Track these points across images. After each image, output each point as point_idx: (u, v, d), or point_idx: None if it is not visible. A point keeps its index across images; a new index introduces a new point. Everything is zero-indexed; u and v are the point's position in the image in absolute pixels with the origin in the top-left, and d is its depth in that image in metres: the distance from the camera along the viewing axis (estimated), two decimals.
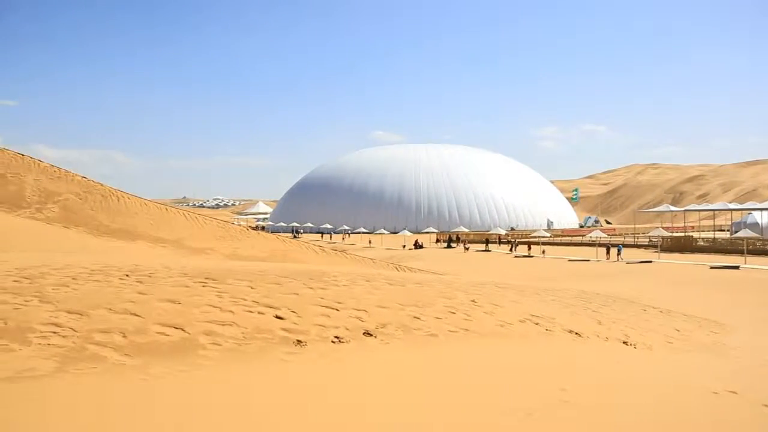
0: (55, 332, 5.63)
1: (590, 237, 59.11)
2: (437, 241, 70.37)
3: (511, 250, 56.43)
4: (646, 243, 55.36)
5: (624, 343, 8.99)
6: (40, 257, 10.69)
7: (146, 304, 6.76)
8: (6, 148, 28.75)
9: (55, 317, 6.02)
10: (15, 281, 7.37)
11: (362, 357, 6.26)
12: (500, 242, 64.29)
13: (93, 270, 8.60)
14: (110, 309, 6.43)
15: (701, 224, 72.25)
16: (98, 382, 4.70)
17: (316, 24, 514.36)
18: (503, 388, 5.68)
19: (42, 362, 4.96)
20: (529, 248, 52.55)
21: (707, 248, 47.80)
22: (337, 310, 7.65)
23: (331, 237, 78.35)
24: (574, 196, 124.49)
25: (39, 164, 27.96)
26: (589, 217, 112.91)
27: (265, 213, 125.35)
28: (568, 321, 9.70)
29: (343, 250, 35.85)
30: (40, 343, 5.35)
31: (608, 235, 65.15)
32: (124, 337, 5.73)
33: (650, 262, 38.93)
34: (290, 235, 70.00)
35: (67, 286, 7.28)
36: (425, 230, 75.09)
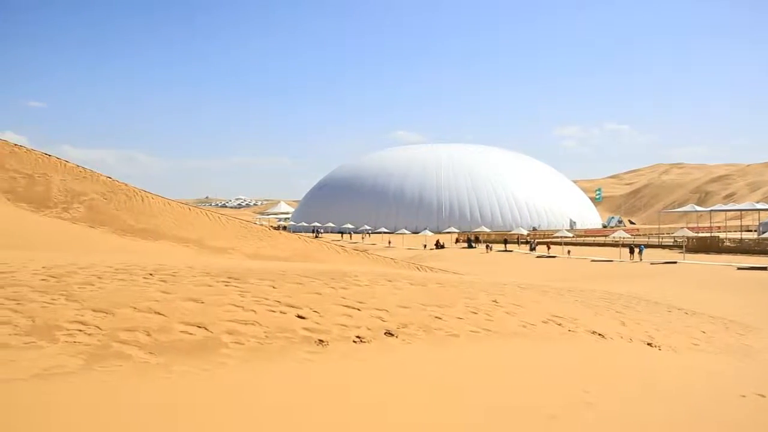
0: (81, 330, 5.71)
1: (613, 237, 58.53)
2: (457, 241, 70.16)
3: (531, 249, 56.08)
4: (671, 243, 54.68)
5: (648, 344, 8.87)
6: (66, 256, 10.85)
7: (170, 303, 6.83)
8: (33, 148, 29.26)
9: (81, 315, 6.11)
10: (42, 280, 7.49)
11: (384, 357, 6.25)
12: (519, 242, 63.88)
13: (117, 269, 8.71)
14: (134, 308, 6.50)
15: (728, 225, 71.08)
16: (123, 380, 4.76)
17: (338, 23, 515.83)
18: (525, 389, 5.65)
19: (69, 359, 5.03)
20: (548, 248, 52.18)
21: (734, 249, 47.08)
22: (359, 309, 7.65)
23: (351, 237, 78.49)
24: (597, 196, 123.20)
25: (65, 164, 28.41)
26: (613, 217, 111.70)
27: (287, 213, 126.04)
28: (591, 322, 9.60)
29: (364, 250, 35.90)
30: (66, 341, 5.43)
31: (632, 235, 64.42)
32: (148, 335, 5.79)
33: (675, 262, 38.45)
34: (312, 234, 70.30)
35: (93, 285, 7.38)
36: (447, 230, 74.92)
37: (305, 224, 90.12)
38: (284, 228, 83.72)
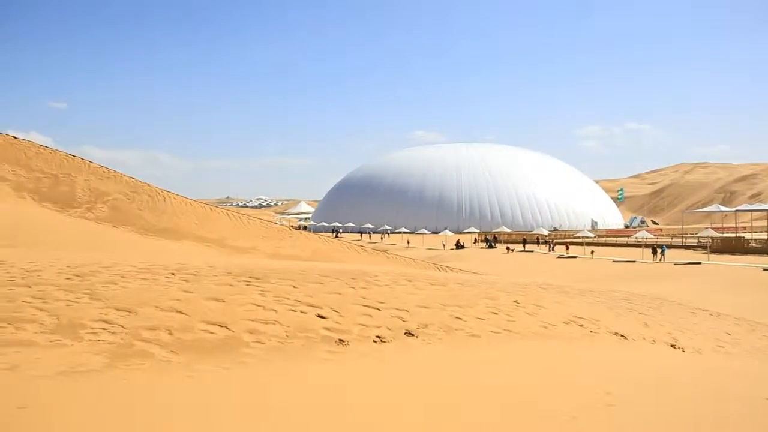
0: (104, 328, 5.79)
1: (636, 238, 57.90)
2: (475, 241, 69.92)
3: (550, 250, 55.72)
4: (695, 244, 53.94)
5: (672, 346, 8.77)
6: (90, 256, 11.00)
7: (191, 302, 6.89)
8: (58, 149, 29.73)
9: (105, 314, 6.19)
10: (67, 279, 7.61)
11: (404, 357, 6.25)
12: (539, 242, 63.48)
13: (140, 268, 8.81)
14: (157, 306, 6.57)
15: (753, 225, 69.91)
16: (146, 378, 4.81)
17: (357, 23, 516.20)
18: (546, 391, 5.60)
19: (93, 357, 5.10)
20: (567, 248, 51.81)
21: (760, 250, 46.29)
22: (379, 309, 7.66)
23: (370, 237, 78.58)
24: (620, 196, 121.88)
25: (89, 165, 28.81)
26: (635, 218, 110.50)
27: (307, 213, 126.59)
28: (613, 323, 9.51)
29: (384, 250, 35.91)
30: (90, 339, 5.51)
31: (655, 235, 63.67)
32: (170, 334, 5.84)
33: (699, 263, 37.94)
34: (331, 234, 70.51)
35: (116, 284, 7.47)
36: (467, 230, 74.70)
37: (325, 224, 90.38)
38: (304, 228, 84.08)
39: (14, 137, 29.19)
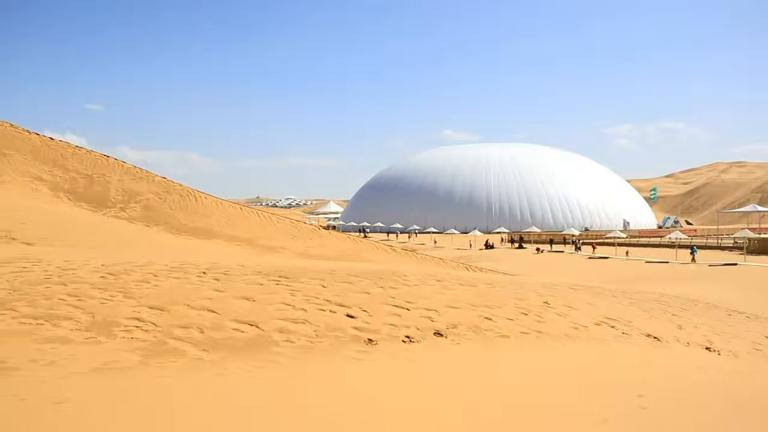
0: (138, 326, 5.89)
1: (669, 238, 56.86)
2: (501, 241, 69.43)
3: (576, 249, 55.00)
4: (731, 245, 52.77)
5: (707, 349, 8.59)
6: (123, 254, 11.19)
7: (223, 301, 6.96)
8: (93, 150, 30.30)
9: (138, 312, 6.29)
10: (101, 277, 7.75)
11: (433, 357, 6.23)
12: (565, 242, 62.71)
13: (172, 267, 8.93)
14: (189, 305, 6.66)
15: None
16: (178, 376, 4.88)
17: (388, 23, 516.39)
18: (576, 392, 5.54)
19: (126, 355, 5.19)
20: (594, 248, 51.13)
21: None
22: (408, 309, 7.65)
23: (397, 236, 78.55)
24: (652, 196, 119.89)
25: (122, 165, 29.30)
26: (668, 218, 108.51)
27: (336, 213, 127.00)
28: (645, 324, 9.35)
29: (412, 250, 35.85)
30: (124, 337, 5.61)
31: (689, 236, 62.46)
32: (202, 332, 5.92)
33: (735, 264, 37.10)
34: (360, 234, 70.67)
35: (149, 283, 7.59)
36: (496, 230, 74.16)
37: (354, 224, 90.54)
38: (333, 228, 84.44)
39: (51, 138, 29.84)
